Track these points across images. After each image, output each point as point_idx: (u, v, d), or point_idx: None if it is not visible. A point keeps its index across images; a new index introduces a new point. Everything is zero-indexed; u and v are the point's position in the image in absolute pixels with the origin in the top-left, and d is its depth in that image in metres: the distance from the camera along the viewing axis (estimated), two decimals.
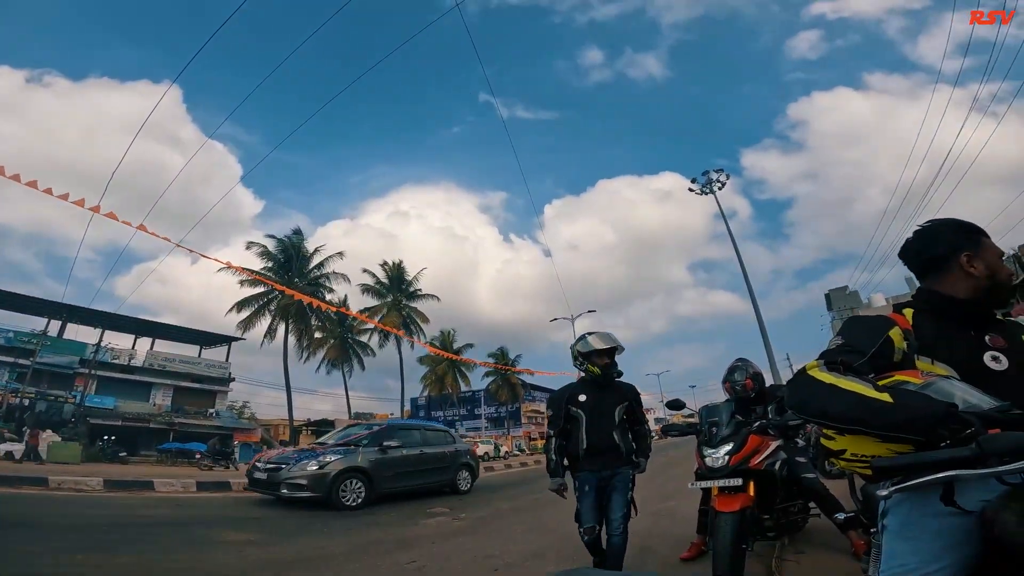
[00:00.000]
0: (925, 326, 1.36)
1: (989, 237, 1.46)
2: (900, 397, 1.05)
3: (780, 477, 3.55)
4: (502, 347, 46.86)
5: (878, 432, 1.06)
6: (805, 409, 1.20)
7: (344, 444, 9.01)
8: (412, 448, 9.39)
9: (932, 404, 1.01)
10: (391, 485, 8.69)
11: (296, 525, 6.43)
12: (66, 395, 26.52)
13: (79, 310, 27.94)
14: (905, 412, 1.01)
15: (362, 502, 7.98)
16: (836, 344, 1.33)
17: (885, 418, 1.03)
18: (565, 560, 4.22)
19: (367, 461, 8.44)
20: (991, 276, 1.39)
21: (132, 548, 4.71)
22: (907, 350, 1.31)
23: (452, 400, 48.64)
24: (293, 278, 32.23)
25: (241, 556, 4.72)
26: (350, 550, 5.11)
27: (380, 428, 9.67)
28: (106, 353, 29.50)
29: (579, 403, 3.33)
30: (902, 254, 1.54)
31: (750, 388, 3.99)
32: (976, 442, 0.92)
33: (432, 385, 43.95)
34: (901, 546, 1.16)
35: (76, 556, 4.19)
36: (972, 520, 1.04)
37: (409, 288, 38.51)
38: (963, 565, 1.06)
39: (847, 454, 1.17)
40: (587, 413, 3.30)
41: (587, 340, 3.38)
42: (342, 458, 8.24)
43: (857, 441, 1.14)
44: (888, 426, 1.03)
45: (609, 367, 3.36)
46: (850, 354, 1.26)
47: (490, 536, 5.89)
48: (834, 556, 3.77)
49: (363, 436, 9.21)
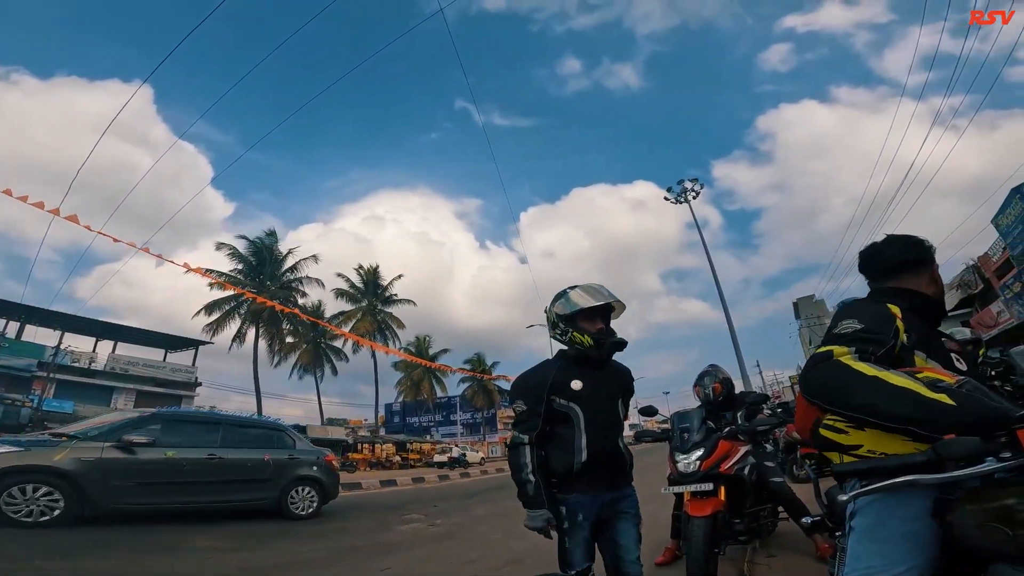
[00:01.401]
0: (915, 323, 1.37)
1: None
2: (958, 398, 0.99)
3: (750, 481, 3.65)
4: (478, 353, 46.80)
5: (935, 433, 0.99)
6: (846, 402, 1.10)
7: (57, 434, 6.31)
8: (189, 449, 6.47)
9: (999, 407, 0.97)
10: (132, 499, 5.82)
11: (266, 531, 6.30)
12: (23, 399, 25.37)
13: (38, 311, 26.89)
14: (971, 414, 0.96)
15: (54, 519, 5.23)
16: (853, 329, 1.24)
17: (949, 419, 0.97)
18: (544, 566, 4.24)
19: (75, 461, 5.48)
20: (942, 289, 1.54)
21: (96, 553, 4.56)
22: (906, 343, 1.30)
23: (428, 406, 48.23)
24: (265, 281, 31.57)
25: (210, 562, 4.60)
26: (323, 556, 5.03)
27: (139, 416, 6.68)
28: (65, 356, 28.38)
29: (572, 393, 2.13)
30: (870, 254, 1.61)
31: (719, 392, 4.13)
32: (932, 448, 0.96)
33: (407, 391, 43.57)
34: (868, 548, 1.18)
35: (36, 561, 4.05)
36: (931, 524, 1.08)
37: (384, 293, 38.13)
38: (926, 567, 1.09)
39: (863, 450, 1.14)
40: (584, 407, 2.13)
41: (569, 297, 2.24)
42: (20, 452, 5.38)
43: (881, 438, 1.11)
44: (953, 427, 0.97)
45: (604, 335, 2.20)
46: (874, 343, 1.20)
47: (467, 542, 5.87)
48: (804, 559, 3.88)
49: (97, 425, 6.43)
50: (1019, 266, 16.45)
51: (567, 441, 2.12)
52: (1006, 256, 17.70)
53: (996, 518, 0.92)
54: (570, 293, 2.26)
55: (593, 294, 2.22)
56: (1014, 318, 16.75)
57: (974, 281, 21.10)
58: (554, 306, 2.29)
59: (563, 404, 2.14)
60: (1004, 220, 16.93)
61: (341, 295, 36.99)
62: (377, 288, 37.85)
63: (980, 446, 0.93)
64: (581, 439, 2.11)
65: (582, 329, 2.18)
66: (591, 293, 2.23)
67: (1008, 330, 16.84)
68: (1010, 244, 16.83)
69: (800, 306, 48.08)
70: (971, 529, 0.97)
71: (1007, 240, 17.04)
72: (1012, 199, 16.18)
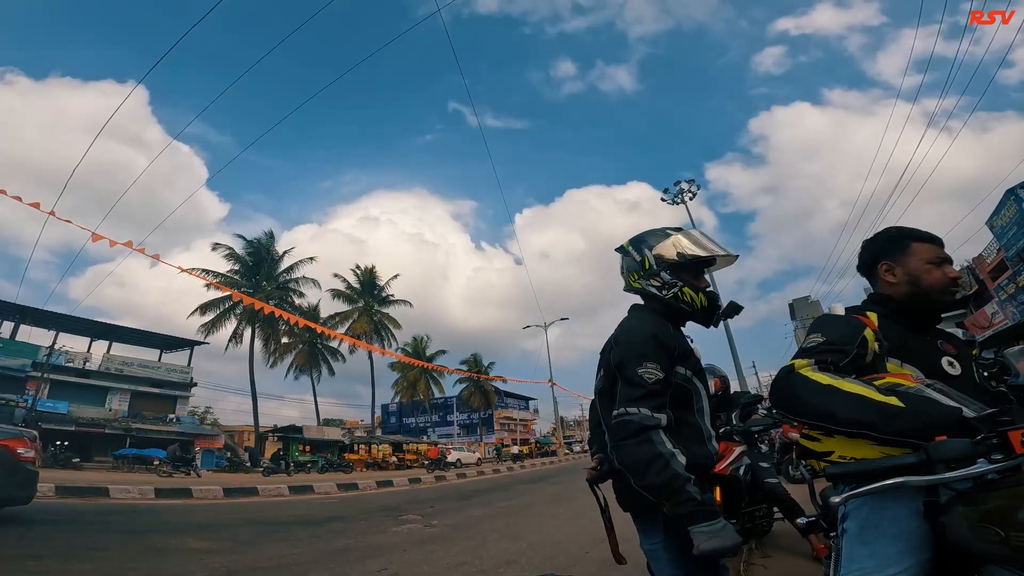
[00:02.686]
0: (890, 329, 1.37)
1: (927, 242, 1.44)
2: (909, 402, 1.03)
3: (745, 482, 3.65)
4: (475, 354, 46.73)
5: (886, 437, 1.04)
6: (804, 411, 1.15)
7: None
8: None
9: (944, 410, 1.02)
10: None
11: (259, 532, 6.27)
12: (17, 399, 25.25)
13: (32, 311, 26.72)
14: (918, 417, 1.00)
15: None
16: (817, 342, 1.28)
17: (897, 423, 1.01)
18: (538, 567, 4.25)
19: None
20: (912, 282, 1.41)
21: (88, 555, 4.52)
22: (878, 351, 1.32)
23: (424, 407, 48.16)
24: (261, 281, 31.46)
25: (203, 564, 4.57)
26: (317, 558, 5.01)
27: None
28: (60, 356, 28.20)
29: (695, 364, 1.59)
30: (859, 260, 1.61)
31: (717, 388, 4.13)
32: (924, 449, 0.95)
33: (404, 391, 43.46)
34: (860, 550, 1.18)
35: (27, 563, 4.01)
36: (923, 526, 1.08)
37: (381, 293, 38.06)
38: (919, 569, 1.09)
39: (835, 456, 1.17)
40: (703, 384, 1.60)
41: (682, 238, 1.65)
42: None
43: (848, 444, 1.14)
44: (901, 431, 1.01)
45: (717, 295, 1.67)
46: (835, 353, 1.24)
47: (463, 543, 5.85)
48: (799, 560, 3.88)
49: None
50: (1014, 267, 16.54)
51: (694, 428, 1.51)
52: (1000, 257, 17.81)
53: (988, 519, 0.92)
54: (680, 236, 1.67)
55: (708, 242, 1.66)
56: (1008, 319, 16.84)
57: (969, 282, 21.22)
58: (656, 246, 1.66)
59: (686, 377, 1.53)
60: (999, 222, 17.03)
61: (338, 295, 36.94)
62: (374, 288, 37.79)
63: (971, 448, 0.93)
64: (707, 426, 1.55)
65: (695, 285, 1.63)
66: (706, 240, 1.67)
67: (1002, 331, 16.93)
68: (1004, 245, 16.93)
69: (796, 307, 48.26)
70: (964, 530, 0.97)
71: (1001, 241, 17.14)
72: (1007, 201, 16.27)
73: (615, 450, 1.40)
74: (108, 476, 15.89)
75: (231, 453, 27.99)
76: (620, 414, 1.38)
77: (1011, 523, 0.88)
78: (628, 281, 1.71)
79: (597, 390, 1.62)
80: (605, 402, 1.54)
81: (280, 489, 12.69)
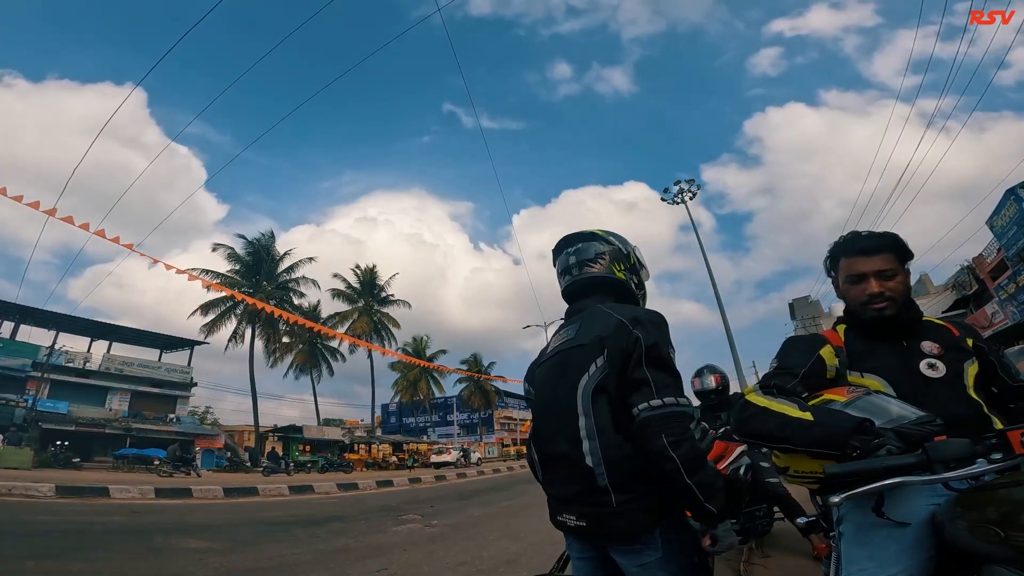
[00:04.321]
0: (855, 341, 1.40)
1: (852, 256, 1.39)
2: (819, 415, 1.13)
3: (745, 482, 3.64)
4: (475, 354, 46.68)
5: (802, 449, 1.14)
6: (742, 431, 1.28)
7: None
8: None
9: (845, 419, 1.09)
10: None
11: (259, 532, 6.28)
12: (17, 399, 25.26)
13: (32, 311, 26.70)
14: (821, 429, 1.10)
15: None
16: (772, 367, 1.40)
17: (805, 435, 1.11)
18: (538, 567, 4.24)
19: None
20: (843, 298, 1.44)
21: (87, 555, 4.53)
22: (839, 366, 1.36)
23: (424, 407, 48.17)
24: (261, 281, 31.47)
25: (203, 564, 4.57)
26: (317, 558, 5.01)
27: None
28: (60, 356, 28.20)
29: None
30: None
31: (718, 383, 4.16)
32: (923, 449, 0.96)
33: (404, 391, 43.44)
34: (857, 551, 1.19)
35: (27, 563, 4.02)
36: (922, 526, 1.08)
37: (381, 293, 38.04)
38: (918, 569, 1.09)
39: (791, 470, 1.26)
40: None
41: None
42: None
43: (794, 459, 1.23)
44: (808, 442, 1.11)
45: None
46: (783, 376, 1.33)
47: (463, 543, 5.85)
48: (799, 559, 3.88)
49: None
50: (1013, 267, 16.54)
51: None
52: (1000, 257, 17.80)
53: (988, 520, 0.91)
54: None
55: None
56: (1008, 319, 16.84)
57: (969, 282, 21.24)
58: (633, 248, 1.63)
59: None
60: (999, 222, 17.02)
61: (338, 295, 36.93)
62: (373, 288, 37.79)
63: (969, 448, 0.93)
64: None
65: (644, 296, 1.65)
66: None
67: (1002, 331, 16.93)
68: (1004, 245, 16.92)
69: (796, 307, 48.12)
70: (963, 531, 0.97)
71: (1001, 241, 17.13)
72: (1006, 201, 16.27)
73: (676, 444, 1.16)
74: (108, 476, 15.89)
75: (231, 453, 28.02)
76: (671, 403, 1.20)
77: (1011, 523, 0.88)
78: (612, 269, 1.53)
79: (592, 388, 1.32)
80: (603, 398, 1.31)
81: (280, 489, 12.71)
